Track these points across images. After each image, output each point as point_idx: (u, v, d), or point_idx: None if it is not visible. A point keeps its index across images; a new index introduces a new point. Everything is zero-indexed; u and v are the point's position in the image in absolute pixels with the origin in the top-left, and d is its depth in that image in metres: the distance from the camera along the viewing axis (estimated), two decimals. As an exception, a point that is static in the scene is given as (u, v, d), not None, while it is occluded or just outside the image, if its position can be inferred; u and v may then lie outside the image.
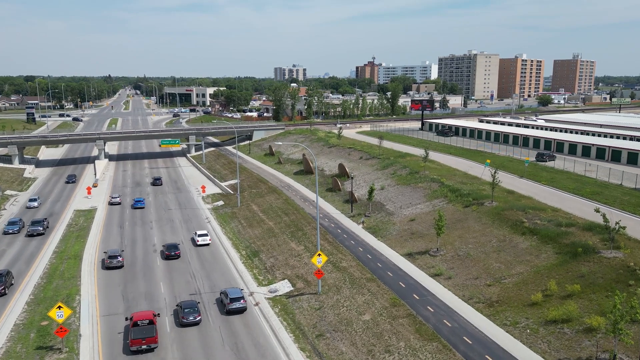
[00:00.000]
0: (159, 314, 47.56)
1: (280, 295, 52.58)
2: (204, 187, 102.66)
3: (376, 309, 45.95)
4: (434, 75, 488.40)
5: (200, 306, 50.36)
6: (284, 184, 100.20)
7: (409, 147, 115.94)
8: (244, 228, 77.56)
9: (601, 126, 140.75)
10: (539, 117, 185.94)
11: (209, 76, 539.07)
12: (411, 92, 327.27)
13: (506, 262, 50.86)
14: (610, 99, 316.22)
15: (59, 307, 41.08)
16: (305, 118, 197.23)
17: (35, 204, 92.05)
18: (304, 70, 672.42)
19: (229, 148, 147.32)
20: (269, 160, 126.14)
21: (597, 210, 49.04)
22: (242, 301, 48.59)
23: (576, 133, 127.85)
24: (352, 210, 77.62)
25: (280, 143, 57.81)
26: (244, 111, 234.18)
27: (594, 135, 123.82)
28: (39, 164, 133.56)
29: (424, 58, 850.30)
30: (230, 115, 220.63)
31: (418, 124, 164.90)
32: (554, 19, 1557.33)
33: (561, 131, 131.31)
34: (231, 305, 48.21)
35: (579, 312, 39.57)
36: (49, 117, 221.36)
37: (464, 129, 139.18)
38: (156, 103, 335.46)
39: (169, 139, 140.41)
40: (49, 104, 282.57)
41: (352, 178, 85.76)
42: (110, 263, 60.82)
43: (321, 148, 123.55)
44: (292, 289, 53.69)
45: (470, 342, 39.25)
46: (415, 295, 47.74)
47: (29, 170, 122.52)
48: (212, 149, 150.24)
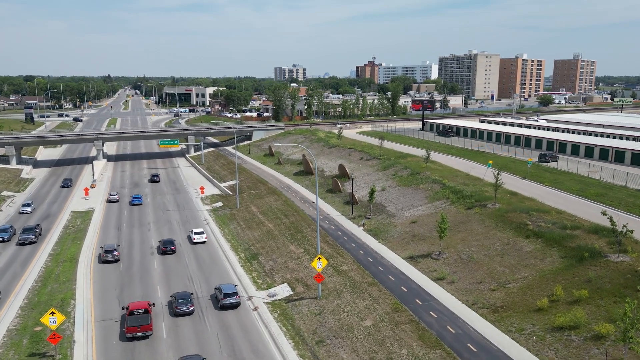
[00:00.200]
0: (153, 303, 49.96)
1: (279, 300, 51.49)
2: (202, 188, 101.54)
3: (378, 314, 44.83)
4: (434, 75, 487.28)
5: (197, 308, 49.48)
6: (283, 184, 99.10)
7: (410, 147, 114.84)
8: (242, 230, 76.46)
9: (604, 126, 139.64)
10: (541, 117, 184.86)
11: (209, 76, 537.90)
12: (411, 92, 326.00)
13: (510, 266, 49.75)
14: (612, 99, 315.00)
15: (52, 314, 40.01)
16: (305, 118, 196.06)
17: (29, 209, 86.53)
18: (304, 70, 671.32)
19: (229, 148, 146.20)
20: (268, 160, 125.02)
21: (604, 213, 47.92)
22: (236, 297, 49.62)
23: (578, 133, 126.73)
24: (353, 212, 76.51)
25: (280, 144, 56.60)
26: (244, 111, 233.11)
27: (596, 135, 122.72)
28: (37, 164, 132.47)
29: (424, 58, 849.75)
30: (229, 115, 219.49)
31: (419, 124, 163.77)
32: (554, 19, 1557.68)
33: (563, 131, 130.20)
34: (225, 301, 49.28)
35: (586, 318, 38.45)
36: (48, 117, 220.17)
37: (465, 129, 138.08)
38: (155, 103, 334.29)
39: (168, 139, 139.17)
40: (48, 104, 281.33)
41: (352, 179, 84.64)
42: (107, 257, 63.03)
43: (321, 148, 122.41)
44: (291, 293, 52.59)
45: (475, 349, 38.13)
46: (417, 300, 46.61)
47: (27, 171, 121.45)
48: (212, 149, 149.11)
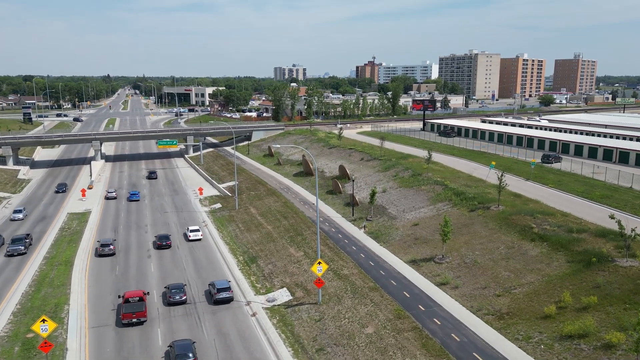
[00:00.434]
0: (148, 292, 52.18)
1: (278, 305, 50.19)
2: (201, 189, 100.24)
3: (380, 321, 43.52)
4: (434, 75, 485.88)
5: (193, 312, 48.20)
6: (283, 185, 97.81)
7: (411, 148, 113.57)
8: (241, 232, 75.16)
9: (606, 127, 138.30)
10: (542, 117, 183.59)
11: (209, 76, 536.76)
12: (412, 92, 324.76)
13: (515, 271, 48.46)
14: (614, 99, 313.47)
15: (43, 321, 38.71)
16: (305, 118, 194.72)
17: (21, 215, 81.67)
18: (304, 70, 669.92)
19: (228, 149, 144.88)
20: (268, 161, 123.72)
21: (612, 217, 46.67)
22: (229, 291, 50.98)
23: (581, 134, 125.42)
24: (354, 214, 75.23)
25: (279, 145, 55.39)
26: (243, 111, 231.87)
27: (599, 136, 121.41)
28: (34, 165, 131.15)
29: (424, 58, 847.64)
30: (229, 115, 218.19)
31: (419, 124, 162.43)
32: (554, 19, 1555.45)
33: (566, 132, 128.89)
34: (218, 295, 50.48)
35: (596, 326, 37.13)
36: (46, 117, 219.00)
37: (467, 129, 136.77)
38: (155, 103, 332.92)
39: (167, 139, 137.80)
40: (47, 103, 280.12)
41: (353, 180, 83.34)
42: (103, 251, 65.20)
43: (321, 149, 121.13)
44: (291, 298, 51.30)
45: (481, 359, 36.82)
46: (420, 306, 45.30)
47: (24, 172, 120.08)
48: (211, 149, 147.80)
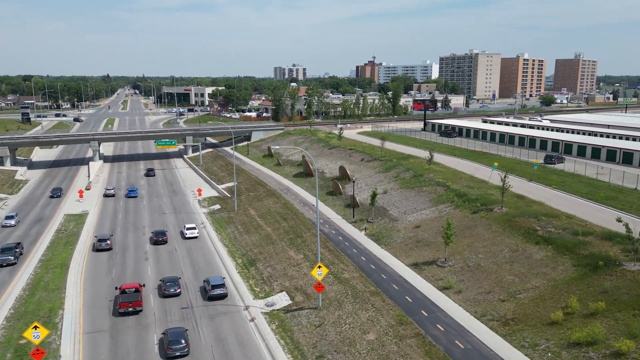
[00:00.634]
0: (144, 284, 54.34)
1: (277, 310, 49.07)
2: (200, 190, 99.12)
3: (381, 327, 42.41)
4: (434, 74, 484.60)
5: (190, 317, 47.09)
6: (282, 186, 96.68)
7: (412, 148, 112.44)
8: (240, 234, 74.04)
9: (609, 127, 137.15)
10: (544, 117, 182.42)
11: (209, 76, 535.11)
12: (412, 92, 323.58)
13: (520, 275, 47.34)
14: (616, 99, 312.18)
15: (35, 327, 37.61)
16: (305, 118, 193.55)
17: (12, 222, 77.53)
18: (304, 69, 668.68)
19: (227, 149, 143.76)
20: (267, 161, 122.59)
21: (620, 220, 45.54)
22: (223, 288, 51.75)
23: (583, 134, 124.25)
24: (354, 216, 74.11)
25: (278, 147, 54.29)
26: (243, 111, 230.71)
27: (602, 136, 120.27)
28: (32, 165, 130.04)
29: (424, 58, 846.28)
30: (228, 115, 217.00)
31: (420, 124, 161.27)
32: (554, 19, 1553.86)
33: (568, 132, 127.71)
34: (213, 292, 51.19)
35: (605, 333, 36.02)
36: (45, 117, 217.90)
37: (468, 129, 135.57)
38: (154, 103, 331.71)
39: (165, 139, 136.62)
40: (45, 103, 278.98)
41: (353, 181, 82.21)
42: (100, 245, 66.88)
43: (321, 149, 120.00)
44: (290, 302, 50.16)
45: (486, 367, 35.77)
46: (423, 312, 44.19)
47: (21, 172, 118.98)
48: (210, 150, 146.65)
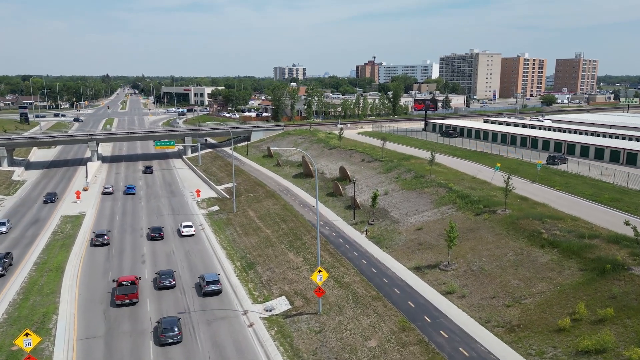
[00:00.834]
0: (140, 277, 55.76)
1: (276, 315, 47.94)
2: (198, 191, 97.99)
3: (383, 333, 41.29)
4: (435, 74, 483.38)
5: (187, 324, 45.99)
6: (282, 187, 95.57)
7: (413, 148, 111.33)
8: (239, 236, 72.92)
9: (611, 127, 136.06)
10: (545, 117, 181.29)
11: (209, 76, 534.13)
12: (412, 92, 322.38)
13: (525, 279, 46.22)
14: (617, 99, 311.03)
15: (27, 335, 36.51)
16: (305, 118, 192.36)
17: (4, 228, 73.36)
18: (304, 69, 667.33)
19: (227, 149, 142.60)
20: (267, 162, 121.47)
21: (627, 223, 44.45)
22: (217, 284, 52.37)
23: (586, 134, 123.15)
24: (355, 218, 72.98)
25: (277, 148, 53.00)
26: (243, 111, 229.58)
27: (604, 136, 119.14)
28: (29, 166, 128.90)
29: (424, 57, 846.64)
30: (228, 115, 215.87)
31: (420, 124, 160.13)
32: (554, 19, 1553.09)
33: (570, 132, 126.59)
34: (207, 288, 51.85)
35: (614, 341, 34.88)
36: (44, 117, 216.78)
37: (469, 129, 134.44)
38: (154, 103, 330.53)
39: (164, 140, 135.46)
40: (44, 103, 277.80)
41: (354, 182, 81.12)
42: (97, 241, 68.51)
43: (321, 150, 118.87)
44: (289, 307, 49.04)
45: (492, 375, 34.66)
46: (426, 317, 43.05)
47: (18, 173, 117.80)
48: (209, 150, 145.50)
